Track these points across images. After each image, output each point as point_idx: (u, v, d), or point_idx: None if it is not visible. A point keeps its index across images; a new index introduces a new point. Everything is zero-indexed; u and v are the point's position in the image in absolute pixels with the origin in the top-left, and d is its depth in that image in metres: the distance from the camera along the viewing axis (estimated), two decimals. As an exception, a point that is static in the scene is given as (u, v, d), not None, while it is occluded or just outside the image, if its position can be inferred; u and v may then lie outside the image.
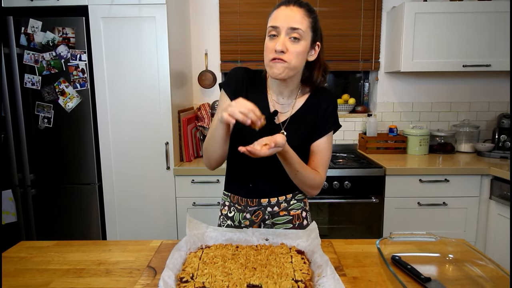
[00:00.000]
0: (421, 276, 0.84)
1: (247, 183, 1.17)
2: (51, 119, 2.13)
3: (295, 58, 1.00)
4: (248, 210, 1.17)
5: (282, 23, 0.98)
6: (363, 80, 2.90)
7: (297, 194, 1.21)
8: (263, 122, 0.91)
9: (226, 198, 1.24)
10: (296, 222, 1.19)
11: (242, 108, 0.88)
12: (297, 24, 0.98)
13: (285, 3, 1.02)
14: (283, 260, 0.87)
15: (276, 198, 1.17)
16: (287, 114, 1.13)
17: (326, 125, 1.13)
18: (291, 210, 1.19)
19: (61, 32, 2.05)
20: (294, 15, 0.99)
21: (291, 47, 0.99)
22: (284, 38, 0.99)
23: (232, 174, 1.22)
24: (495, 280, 0.84)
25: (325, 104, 1.14)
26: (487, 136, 2.70)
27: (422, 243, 1.01)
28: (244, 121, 0.88)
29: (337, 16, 2.63)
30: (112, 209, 2.20)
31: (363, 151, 2.63)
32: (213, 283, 0.77)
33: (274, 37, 1.00)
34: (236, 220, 1.19)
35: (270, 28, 1.01)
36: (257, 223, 1.17)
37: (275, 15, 1.01)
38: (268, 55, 1.01)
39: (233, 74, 1.16)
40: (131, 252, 1.03)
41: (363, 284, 0.85)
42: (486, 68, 2.32)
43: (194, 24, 2.65)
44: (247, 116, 0.88)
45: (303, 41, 1.00)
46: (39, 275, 0.91)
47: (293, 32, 0.98)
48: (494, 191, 2.10)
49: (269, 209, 1.17)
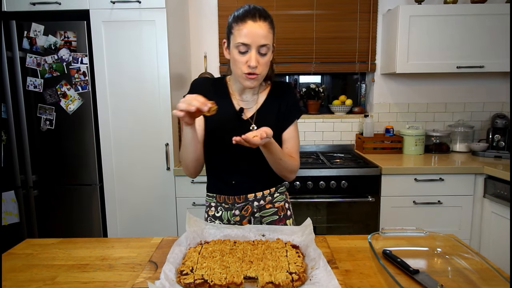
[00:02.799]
0: (410, 268, 0.88)
1: (230, 180, 1.22)
2: (53, 121, 2.17)
3: (265, 68, 1.11)
4: (236, 206, 1.22)
5: (252, 42, 1.05)
6: (359, 82, 2.94)
7: (279, 187, 1.29)
8: (214, 106, 0.95)
9: (211, 199, 1.28)
10: (281, 213, 1.28)
11: (185, 100, 0.94)
12: (266, 41, 1.07)
13: (252, 17, 1.06)
14: (279, 254, 0.91)
15: (261, 192, 1.24)
16: (253, 109, 1.21)
17: (291, 114, 1.23)
18: (275, 203, 1.27)
19: (63, 35, 2.09)
20: (262, 31, 1.06)
21: (260, 60, 1.08)
22: (255, 55, 1.07)
23: (214, 175, 1.27)
24: (481, 272, 0.88)
25: (286, 96, 1.23)
26: (481, 136, 2.75)
27: (412, 238, 1.05)
28: (188, 109, 0.93)
29: (334, 19, 2.68)
30: (113, 209, 2.23)
31: (360, 151, 2.67)
32: (211, 275, 0.81)
33: (244, 54, 1.07)
34: (225, 219, 1.24)
35: (241, 45, 1.06)
36: (247, 217, 1.23)
37: (244, 32, 1.06)
38: (241, 69, 1.09)
39: (194, 85, 1.24)
40: (133, 248, 1.07)
41: (355, 276, 0.89)
42: (480, 69, 2.37)
43: (193, 27, 2.69)
44: (191, 104, 0.92)
45: (269, 52, 1.10)
46: (45, 270, 0.95)
47: (262, 48, 1.07)
48: (488, 189, 2.15)
49: (256, 203, 1.23)
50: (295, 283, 0.79)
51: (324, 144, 2.82)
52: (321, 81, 2.98)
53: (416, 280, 0.85)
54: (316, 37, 2.69)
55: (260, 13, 1.07)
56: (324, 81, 2.98)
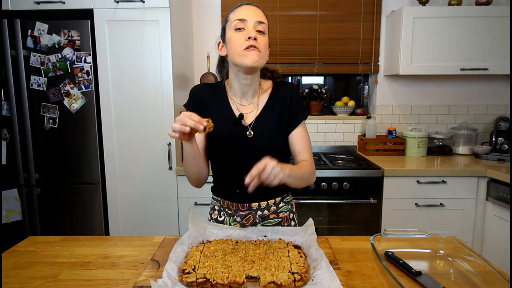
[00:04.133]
0: (412, 270, 0.88)
1: (234, 189, 1.18)
2: (56, 119, 2.18)
3: (264, 49, 1.07)
4: (239, 214, 1.19)
5: (250, 17, 1.05)
6: (362, 83, 2.94)
7: (285, 196, 1.24)
8: (210, 124, 0.93)
9: (215, 203, 1.25)
10: (284, 224, 1.22)
11: (179, 119, 0.91)
12: (263, 19, 1.07)
13: (245, 3, 1.09)
14: (281, 254, 0.91)
15: (266, 202, 1.19)
16: (253, 113, 1.16)
17: (297, 115, 1.17)
18: (280, 213, 1.22)
19: (67, 35, 2.10)
20: (258, 11, 1.08)
21: (259, 38, 1.05)
22: (253, 28, 1.05)
23: (219, 181, 1.23)
24: (483, 274, 0.87)
25: (290, 97, 1.18)
26: (484, 139, 2.73)
27: (414, 239, 1.04)
28: (182, 129, 0.90)
29: (337, 20, 2.67)
30: (115, 208, 2.24)
31: (362, 153, 2.67)
32: (213, 275, 0.81)
33: (241, 30, 1.05)
34: (227, 224, 1.20)
35: (237, 21, 1.05)
36: (248, 227, 1.18)
37: (239, 11, 1.07)
38: (240, 44, 1.04)
39: (193, 93, 1.21)
40: (135, 247, 1.08)
41: (356, 277, 0.89)
42: (484, 71, 2.36)
43: (196, 27, 2.70)
44: (185, 124, 0.90)
45: (266, 34, 1.09)
46: (48, 267, 0.95)
47: (259, 25, 1.06)
48: (490, 192, 2.14)
49: (259, 212, 1.19)
50: (297, 283, 0.79)
51: (326, 145, 2.81)
52: (324, 82, 2.97)
53: (419, 282, 0.85)
54: (319, 38, 2.69)
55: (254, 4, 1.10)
56: (326, 82, 2.98)
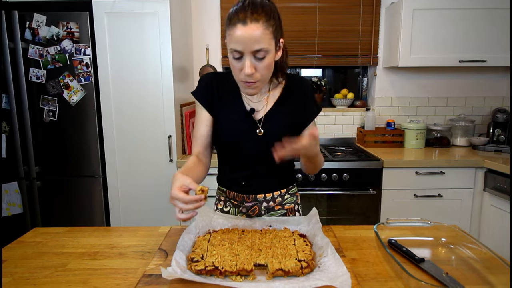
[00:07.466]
0: (416, 257, 0.90)
1: (240, 181, 1.18)
2: (56, 112, 2.17)
3: (265, 72, 0.99)
4: (245, 205, 1.19)
5: (245, 47, 0.93)
6: (361, 75, 2.95)
7: (291, 188, 1.25)
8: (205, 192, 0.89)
9: (221, 193, 1.25)
10: (289, 215, 1.22)
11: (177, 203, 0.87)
12: (259, 45, 0.93)
13: (242, 19, 0.92)
14: (287, 242, 0.93)
15: (271, 194, 1.19)
16: (264, 108, 1.13)
17: (312, 112, 1.17)
18: (285, 204, 1.22)
19: (66, 26, 2.09)
20: (254, 35, 0.92)
21: (258, 65, 0.96)
22: (249, 61, 0.95)
23: (225, 172, 1.23)
24: (485, 261, 0.89)
25: (302, 92, 1.16)
26: (482, 130, 2.76)
27: (416, 228, 1.06)
28: (193, 216, 0.88)
29: (336, 12, 2.67)
30: (115, 201, 2.25)
31: (361, 145, 2.69)
32: (222, 263, 0.82)
33: (240, 59, 0.96)
34: (232, 214, 1.21)
35: (234, 51, 0.95)
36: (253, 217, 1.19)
37: (235, 38, 0.93)
38: (238, 75, 1.00)
39: (203, 82, 1.16)
40: (142, 237, 1.09)
41: (361, 264, 0.91)
42: (482, 63, 2.37)
43: (195, 19, 2.68)
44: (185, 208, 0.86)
45: (268, 55, 0.96)
46: (56, 257, 0.96)
47: (257, 53, 0.94)
48: (488, 183, 2.17)
49: (265, 204, 1.19)
50: (304, 270, 0.80)
51: (325, 138, 2.83)
52: (323, 74, 2.98)
53: (422, 268, 0.87)
54: (318, 30, 2.69)
55: (253, 10, 0.92)
56: (325, 74, 2.98)
